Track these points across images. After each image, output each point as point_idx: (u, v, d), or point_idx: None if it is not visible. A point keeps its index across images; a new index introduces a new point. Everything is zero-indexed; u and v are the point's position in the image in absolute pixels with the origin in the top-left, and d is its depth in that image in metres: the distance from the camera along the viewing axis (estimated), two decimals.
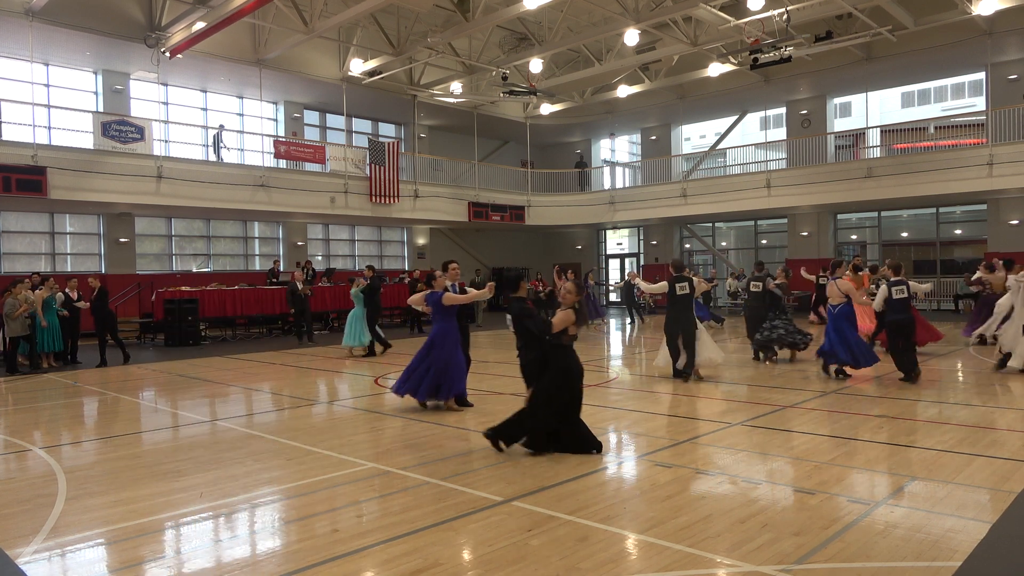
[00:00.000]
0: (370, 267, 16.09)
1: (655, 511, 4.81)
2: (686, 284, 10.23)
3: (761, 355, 12.28)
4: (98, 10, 17.61)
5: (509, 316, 6.75)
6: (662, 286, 10.39)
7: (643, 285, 11.20)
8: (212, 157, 21.42)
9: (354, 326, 14.71)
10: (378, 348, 14.80)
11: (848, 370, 10.38)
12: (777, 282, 12.57)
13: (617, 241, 32.45)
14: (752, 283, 12.91)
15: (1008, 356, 10.54)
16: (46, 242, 20.07)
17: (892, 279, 10.12)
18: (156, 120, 19.87)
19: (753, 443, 6.68)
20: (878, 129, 24.94)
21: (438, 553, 4.15)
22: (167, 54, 18.21)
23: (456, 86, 23.34)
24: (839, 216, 25.61)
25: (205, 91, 22.67)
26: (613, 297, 32.54)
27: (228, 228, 23.70)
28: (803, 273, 15.82)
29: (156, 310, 17.93)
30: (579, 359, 6.54)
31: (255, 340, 18.87)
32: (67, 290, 14.55)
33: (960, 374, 10.85)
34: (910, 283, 10.40)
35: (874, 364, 10.35)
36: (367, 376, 11.91)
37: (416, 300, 8.81)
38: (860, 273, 13.65)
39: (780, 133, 27.33)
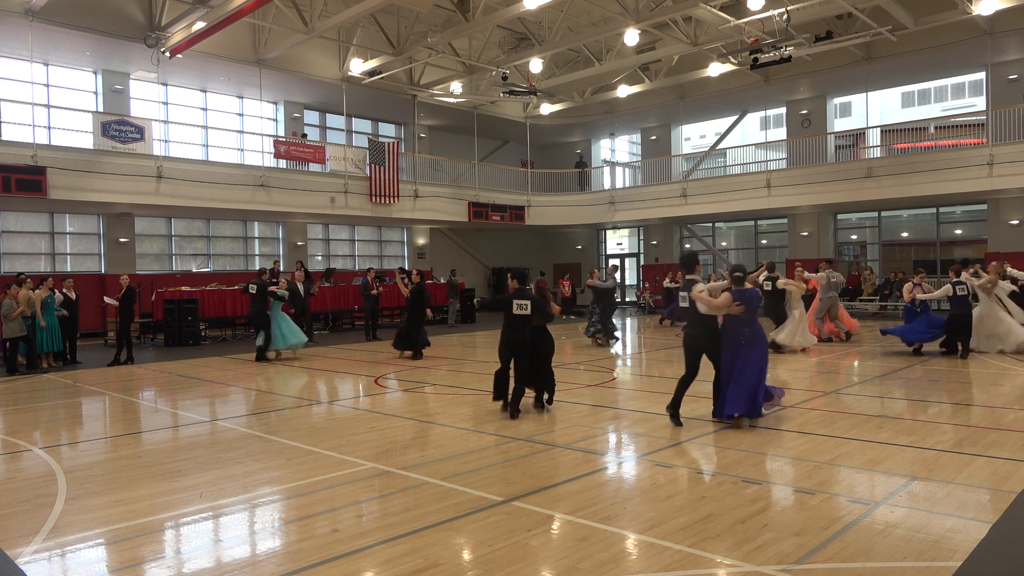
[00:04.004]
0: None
1: (655, 511, 4.81)
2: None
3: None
4: (98, 10, 17.60)
5: (528, 302, 8.08)
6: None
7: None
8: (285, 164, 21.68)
9: (284, 326, 14.19)
10: (271, 354, 14.12)
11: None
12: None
13: (617, 241, 32.46)
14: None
15: None
16: (46, 242, 20.06)
17: (954, 279, 11.65)
18: (156, 120, 19.86)
19: (753, 443, 6.68)
20: (878, 129, 24.92)
21: (438, 553, 4.15)
22: (167, 54, 18.20)
23: (456, 86, 23.34)
24: (839, 216, 25.61)
25: (205, 91, 22.67)
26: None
27: (228, 228, 23.69)
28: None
29: (156, 310, 17.93)
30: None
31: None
32: (64, 290, 14.54)
33: (961, 374, 10.84)
34: (969, 280, 12.31)
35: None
36: (367, 376, 11.91)
37: (725, 303, 7.20)
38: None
39: (780, 133, 27.32)
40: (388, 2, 16.86)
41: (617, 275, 17.92)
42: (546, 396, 8.53)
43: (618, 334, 16.35)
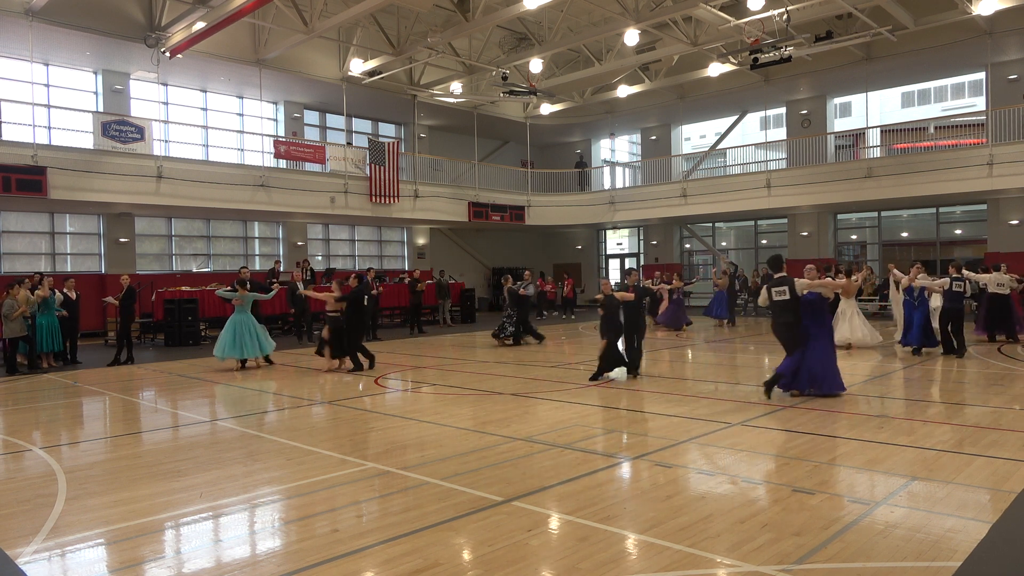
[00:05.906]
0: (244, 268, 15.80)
1: (655, 511, 4.81)
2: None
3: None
4: (98, 10, 17.60)
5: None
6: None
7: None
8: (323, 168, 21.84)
9: (255, 333, 12.91)
10: (234, 364, 12.93)
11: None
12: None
13: (617, 241, 32.46)
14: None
15: None
16: (46, 242, 20.06)
17: (953, 275, 12.36)
18: (156, 120, 19.86)
19: (753, 443, 6.68)
20: (878, 129, 24.93)
21: (438, 553, 4.16)
22: (167, 54, 18.21)
23: (456, 86, 23.34)
24: (839, 216, 25.62)
25: (205, 91, 22.67)
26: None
27: (228, 228, 23.70)
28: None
29: (156, 310, 17.93)
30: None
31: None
32: (64, 290, 14.55)
33: (960, 374, 10.85)
34: (970, 277, 13.54)
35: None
36: (367, 376, 11.91)
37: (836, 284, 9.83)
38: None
39: (780, 133, 27.33)
40: (388, 2, 16.86)
41: (535, 281, 19.03)
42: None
43: (542, 333, 16.92)
